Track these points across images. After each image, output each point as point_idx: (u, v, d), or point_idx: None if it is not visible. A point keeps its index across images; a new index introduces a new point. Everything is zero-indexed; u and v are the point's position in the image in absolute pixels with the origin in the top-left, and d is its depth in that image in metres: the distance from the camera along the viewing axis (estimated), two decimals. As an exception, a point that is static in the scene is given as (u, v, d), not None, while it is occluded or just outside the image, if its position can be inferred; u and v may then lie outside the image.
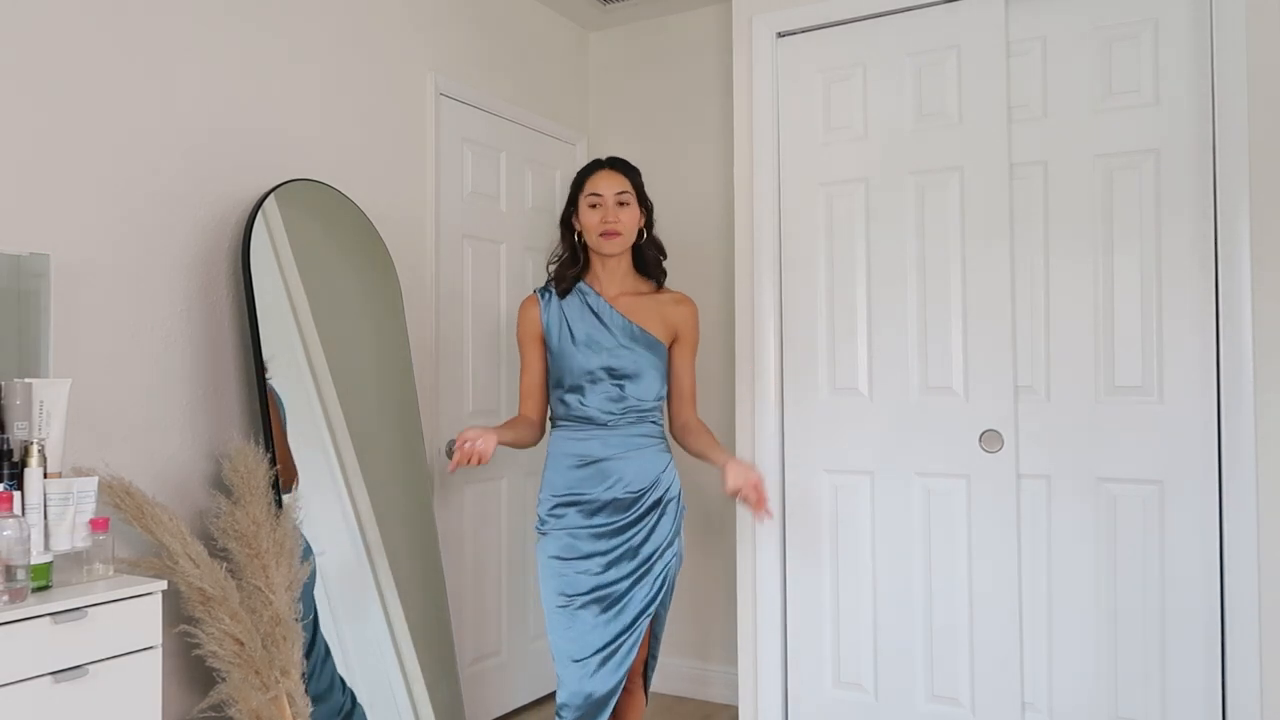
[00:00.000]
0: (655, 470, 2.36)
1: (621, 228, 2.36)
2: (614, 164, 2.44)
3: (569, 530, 2.32)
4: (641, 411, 2.37)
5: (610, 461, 2.33)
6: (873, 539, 2.88)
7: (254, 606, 2.12)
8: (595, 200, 2.38)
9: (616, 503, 2.32)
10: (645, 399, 2.37)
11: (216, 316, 2.45)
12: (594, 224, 2.37)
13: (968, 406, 2.73)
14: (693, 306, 2.49)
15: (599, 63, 3.92)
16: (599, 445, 2.34)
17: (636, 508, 2.33)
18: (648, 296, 2.45)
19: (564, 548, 2.32)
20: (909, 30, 2.84)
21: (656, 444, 2.39)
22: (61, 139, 2.13)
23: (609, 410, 2.34)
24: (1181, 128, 2.52)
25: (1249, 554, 2.40)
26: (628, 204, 2.39)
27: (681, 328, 2.45)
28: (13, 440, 1.84)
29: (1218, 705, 2.47)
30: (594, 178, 2.41)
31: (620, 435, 2.35)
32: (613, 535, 2.31)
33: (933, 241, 2.80)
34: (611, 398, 2.34)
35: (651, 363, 2.38)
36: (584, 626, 2.29)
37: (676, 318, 2.44)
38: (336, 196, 2.70)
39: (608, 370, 2.34)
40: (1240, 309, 2.42)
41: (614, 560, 2.31)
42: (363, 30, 2.90)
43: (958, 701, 2.75)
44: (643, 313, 2.41)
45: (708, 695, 3.59)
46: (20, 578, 1.69)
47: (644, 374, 2.36)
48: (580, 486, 2.33)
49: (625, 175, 2.42)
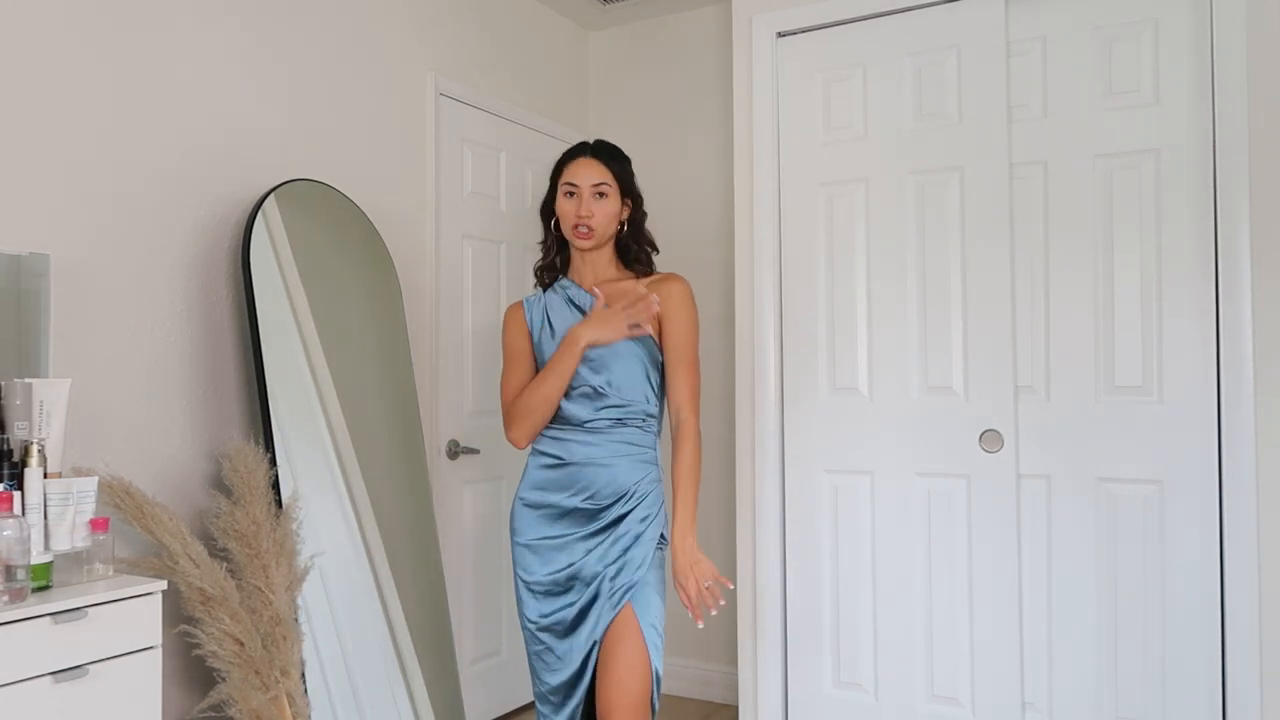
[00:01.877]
0: (627, 484, 2.12)
1: (595, 223, 2.14)
2: (597, 151, 2.21)
3: (526, 545, 2.18)
4: (624, 411, 2.14)
5: (579, 467, 2.13)
6: (873, 539, 2.88)
7: (254, 606, 2.12)
8: (571, 189, 2.16)
9: (579, 513, 2.13)
10: (626, 394, 2.13)
11: (216, 316, 2.45)
12: (568, 215, 2.16)
13: (968, 406, 2.73)
14: (679, 283, 2.20)
15: (599, 63, 3.92)
16: (576, 447, 2.14)
17: (597, 521, 2.12)
18: (629, 280, 2.22)
19: (527, 563, 2.17)
20: (909, 30, 2.84)
21: (639, 453, 2.15)
22: (62, 139, 2.13)
23: (588, 410, 2.14)
24: (1181, 128, 2.52)
25: (1249, 554, 2.40)
26: (607, 195, 2.16)
27: (665, 307, 2.15)
28: (13, 440, 1.84)
29: (1218, 705, 2.47)
30: (572, 165, 2.18)
31: (599, 438, 2.14)
32: (573, 543, 2.13)
33: (933, 241, 2.80)
34: (589, 395, 2.13)
35: (632, 350, 2.13)
36: (552, 654, 2.15)
37: (660, 297, 2.14)
38: (336, 196, 2.70)
39: (586, 364, 2.12)
40: (1240, 309, 2.42)
41: (574, 579, 2.12)
42: (363, 30, 2.90)
43: (958, 701, 2.75)
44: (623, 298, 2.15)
45: (708, 695, 3.59)
46: (20, 578, 1.69)
47: (622, 361, 2.12)
48: (545, 488, 2.17)
49: (606, 164, 2.18)
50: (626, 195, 2.21)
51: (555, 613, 2.14)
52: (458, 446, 3.18)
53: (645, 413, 2.17)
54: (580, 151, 2.22)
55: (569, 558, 2.13)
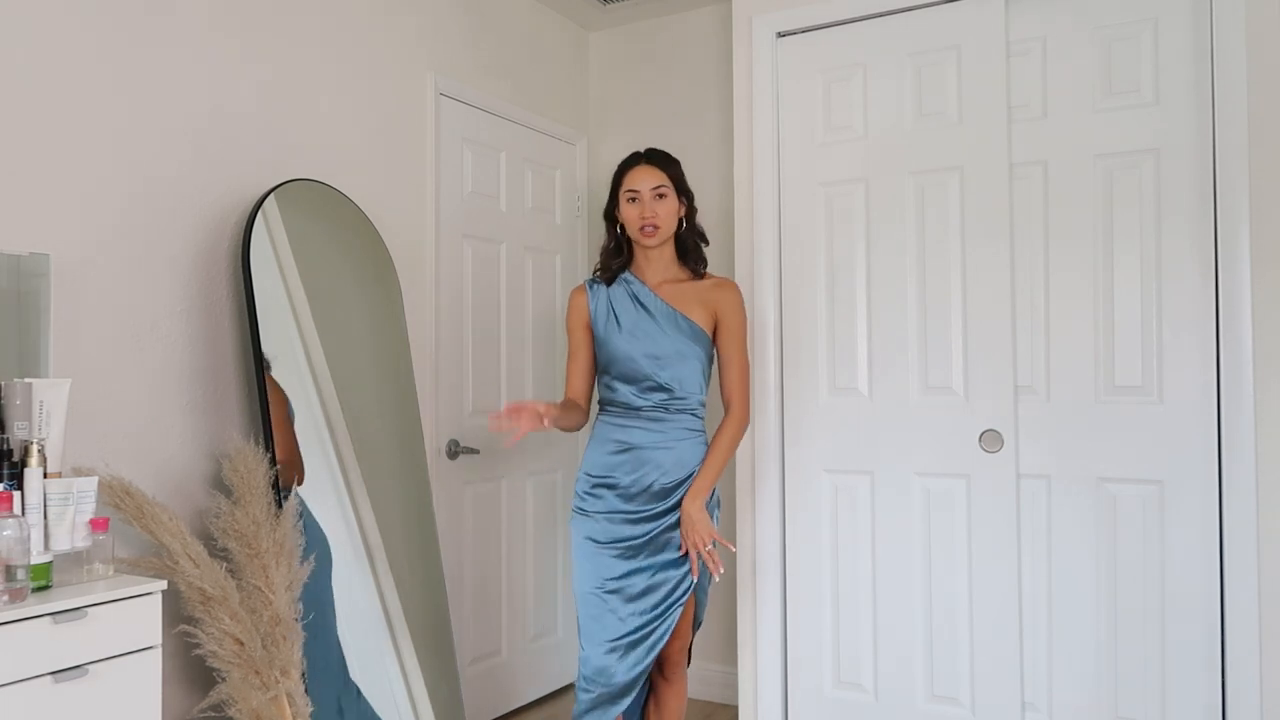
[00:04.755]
0: (692, 463, 2.38)
1: (660, 221, 2.40)
2: (651, 158, 2.46)
3: (605, 514, 2.37)
4: (683, 401, 2.39)
5: (648, 450, 2.37)
6: (872, 539, 2.88)
7: (254, 606, 2.12)
8: (633, 195, 2.42)
9: (650, 492, 2.36)
10: (686, 388, 2.39)
11: (216, 316, 2.45)
12: (633, 219, 2.42)
13: (968, 406, 2.73)
14: (735, 290, 2.49)
15: (599, 63, 3.92)
16: (639, 433, 2.38)
17: (671, 498, 2.36)
18: (689, 283, 2.47)
19: (599, 530, 2.37)
20: (909, 30, 2.84)
21: (696, 436, 2.41)
22: (61, 139, 2.13)
23: (650, 399, 2.38)
24: (1181, 128, 2.52)
25: (1249, 554, 2.40)
26: (665, 196, 2.42)
27: (723, 311, 2.45)
28: (13, 440, 1.84)
29: (1218, 705, 2.47)
30: (631, 173, 2.44)
31: (660, 425, 2.38)
32: (647, 521, 2.35)
33: (933, 241, 2.80)
34: (652, 386, 2.38)
35: (694, 352, 2.40)
36: (614, 614, 2.33)
37: (718, 302, 2.45)
38: (336, 196, 2.70)
39: (651, 357, 2.38)
40: (1240, 309, 2.42)
41: (646, 547, 2.35)
42: (363, 30, 2.90)
43: (958, 701, 2.75)
44: (685, 300, 2.44)
45: (707, 695, 3.59)
46: (20, 578, 1.69)
47: (686, 362, 2.39)
48: (616, 471, 2.38)
49: (662, 169, 2.44)
50: (681, 194, 2.47)
51: (625, 576, 2.35)
52: (458, 446, 3.18)
53: (699, 401, 2.45)
54: (636, 160, 2.47)
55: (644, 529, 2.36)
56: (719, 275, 2.54)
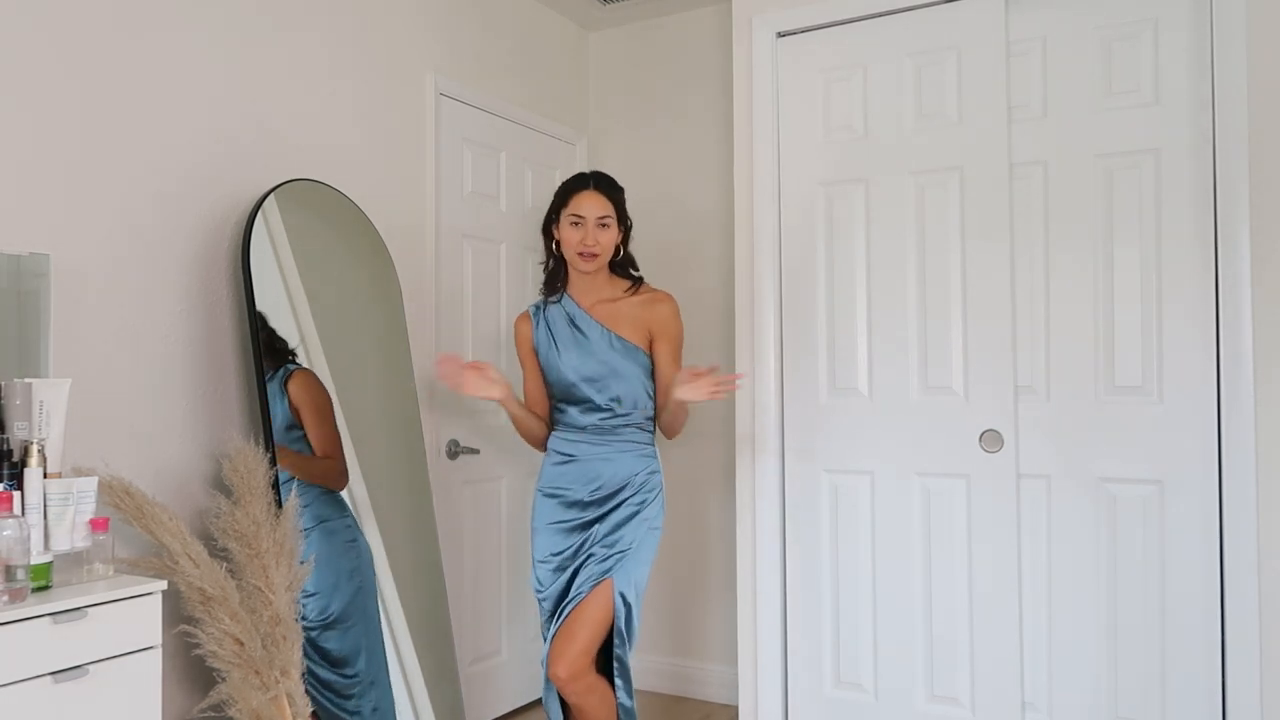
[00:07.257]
0: (631, 473, 2.44)
1: (600, 250, 2.44)
2: (599, 184, 2.49)
3: (546, 525, 2.48)
4: (626, 416, 2.45)
5: (588, 461, 2.45)
6: (872, 539, 2.87)
7: (254, 606, 2.12)
8: (577, 220, 2.44)
9: (583, 504, 2.44)
10: (627, 404, 2.45)
11: (216, 316, 2.45)
12: (574, 242, 2.45)
13: (968, 406, 2.73)
14: (669, 303, 2.52)
15: (599, 63, 3.92)
16: (585, 447, 2.46)
17: (604, 506, 2.43)
18: (624, 301, 2.51)
19: (538, 546, 2.48)
20: (909, 30, 2.84)
21: (641, 448, 2.48)
22: (61, 139, 2.13)
23: (592, 418, 2.45)
24: (1181, 127, 2.52)
25: (1249, 554, 2.40)
26: (609, 226, 2.45)
27: (657, 327, 2.48)
28: (13, 440, 1.84)
29: (1218, 705, 2.47)
30: (578, 197, 2.46)
31: (604, 438, 2.45)
32: (582, 529, 2.44)
33: (933, 241, 2.80)
34: (593, 406, 2.44)
35: (631, 370, 2.45)
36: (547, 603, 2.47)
37: (652, 318, 2.48)
38: (336, 196, 2.70)
39: (588, 380, 2.44)
40: (1240, 309, 2.42)
41: (578, 553, 2.43)
42: (363, 30, 2.90)
43: (958, 701, 2.75)
44: (619, 319, 2.48)
45: (708, 695, 3.59)
46: (20, 578, 1.69)
47: (623, 380, 2.44)
48: (560, 480, 2.47)
49: (609, 197, 2.47)
50: (622, 223, 2.50)
51: (553, 584, 2.45)
52: (458, 446, 3.18)
53: (645, 416, 2.50)
54: (583, 185, 2.49)
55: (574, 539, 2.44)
56: (655, 289, 2.56)
